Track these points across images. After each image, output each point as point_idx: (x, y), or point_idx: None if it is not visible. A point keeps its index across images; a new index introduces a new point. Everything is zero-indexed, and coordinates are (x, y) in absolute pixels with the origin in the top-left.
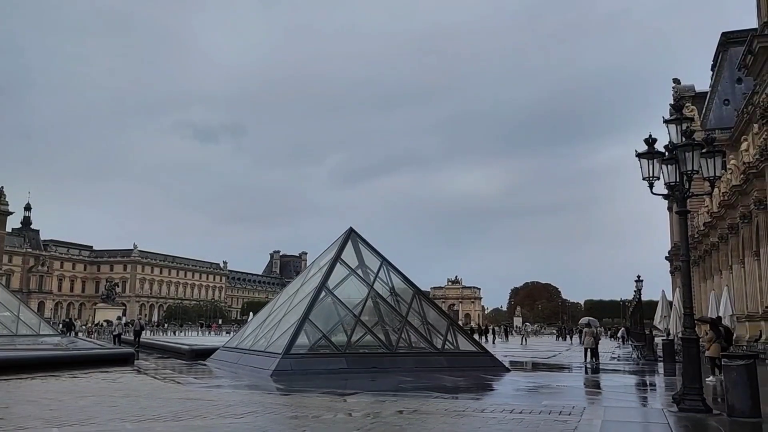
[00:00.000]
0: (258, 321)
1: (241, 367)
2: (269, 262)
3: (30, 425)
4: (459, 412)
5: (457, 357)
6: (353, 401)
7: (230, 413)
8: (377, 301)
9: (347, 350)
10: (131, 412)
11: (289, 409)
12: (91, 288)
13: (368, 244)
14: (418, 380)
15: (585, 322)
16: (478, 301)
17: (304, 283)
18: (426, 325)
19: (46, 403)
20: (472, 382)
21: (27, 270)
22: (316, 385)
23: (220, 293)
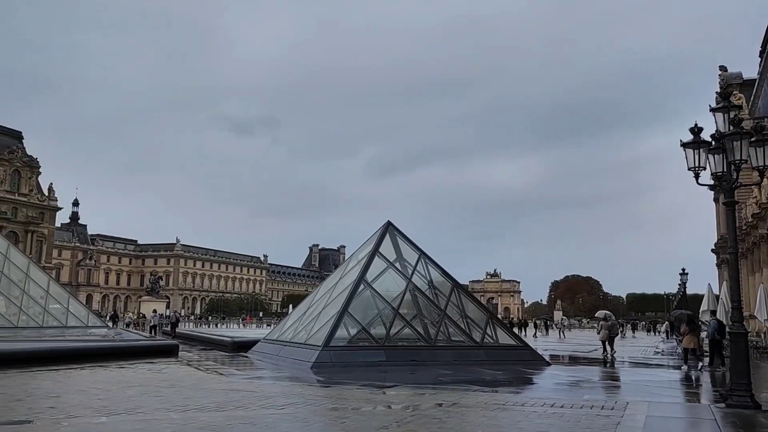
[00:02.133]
0: (298, 314)
1: (281, 359)
2: (308, 255)
3: (80, 414)
4: (499, 405)
5: (496, 350)
6: (392, 394)
7: (271, 404)
8: (415, 294)
9: (386, 343)
10: (176, 402)
11: (329, 401)
12: (137, 281)
13: (406, 238)
14: (457, 373)
15: (602, 315)
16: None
17: (342, 276)
18: (465, 319)
19: (94, 392)
20: (512, 375)
21: (75, 264)
22: (356, 377)
23: (261, 286)
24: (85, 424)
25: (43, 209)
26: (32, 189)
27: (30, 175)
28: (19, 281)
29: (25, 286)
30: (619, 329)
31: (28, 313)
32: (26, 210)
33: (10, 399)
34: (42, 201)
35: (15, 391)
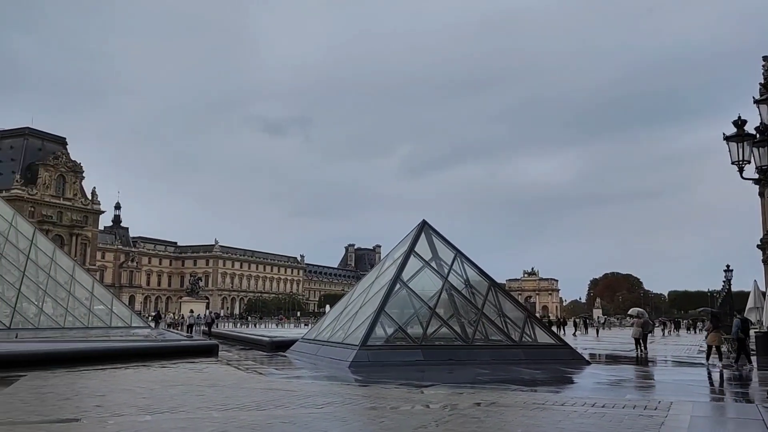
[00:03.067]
0: (335, 313)
1: (319, 358)
2: (344, 255)
3: (125, 412)
4: (538, 405)
5: (535, 349)
6: (430, 393)
7: (311, 403)
8: (452, 293)
9: (423, 342)
10: (217, 401)
11: (368, 400)
12: (177, 282)
13: (442, 237)
14: (496, 373)
15: (634, 313)
16: (555, 293)
17: (378, 276)
18: (502, 318)
19: (139, 391)
20: (551, 374)
21: (118, 266)
22: (393, 376)
23: (298, 286)
24: (131, 422)
25: (87, 213)
26: (76, 193)
27: (74, 180)
28: (65, 283)
29: (71, 288)
30: (652, 327)
31: (74, 314)
32: (71, 214)
33: (59, 398)
34: (86, 205)
35: (63, 390)
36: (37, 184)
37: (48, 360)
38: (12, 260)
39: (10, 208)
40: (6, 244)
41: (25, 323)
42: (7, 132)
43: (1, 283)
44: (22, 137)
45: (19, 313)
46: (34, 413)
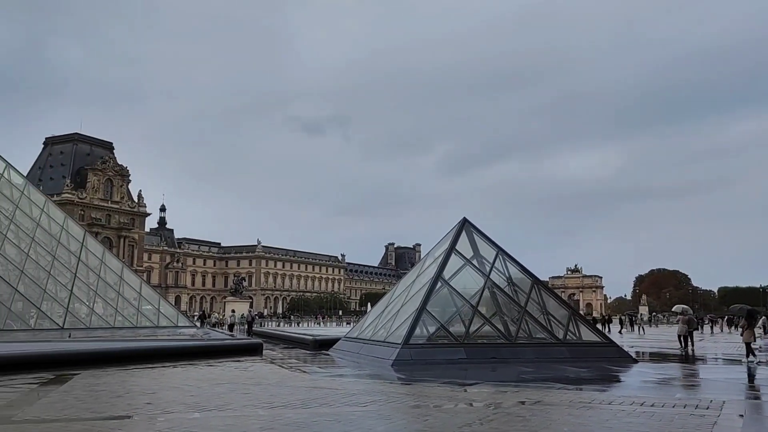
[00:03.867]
0: (376, 312)
1: (362, 356)
2: (384, 253)
3: (175, 409)
4: (585, 403)
5: (579, 347)
6: (474, 391)
7: (354, 402)
8: (494, 291)
9: (466, 341)
10: (262, 399)
11: (411, 399)
12: (221, 282)
13: (483, 234)
14: (540, 371)
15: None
16: (599, 290)
17: (419, 275)
18: (546, 316)
19: (187, 389)
20: (597, 373)
21: (164, 266)
22: (436, 374)
23: (339, 285)
24: (180, 419)
25: (134, 215)
26: (123, 196)
27: (121, 184)
28: (115, 284)
29: (120, 288)
30: (697, 324)
31: (124, 314)
32: (118, 216)
33: (112, 395)
34: (132, 207)
35: (115, 387)
36: (86, 188)
37: (100, 359)
38: (64, 262)
39: (61, 212)
40: (58, 246)
41: (77, 323)
42: (58, 138)
43: (55, 284)
44: (71, 143)
45: (72, 313)
46: (88, 410)
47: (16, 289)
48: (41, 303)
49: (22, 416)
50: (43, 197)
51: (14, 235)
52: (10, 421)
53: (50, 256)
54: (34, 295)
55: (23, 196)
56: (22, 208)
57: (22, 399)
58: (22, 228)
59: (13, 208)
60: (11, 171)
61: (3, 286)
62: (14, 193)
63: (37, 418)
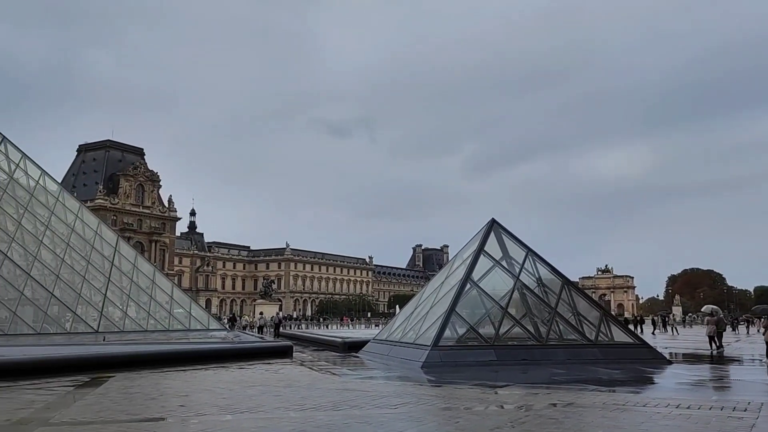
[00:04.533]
0: (405, 314)
1: (391, 358)
2: (412, 255)
3: (207, 412)
4: (618, 405)
5: (612, 349)
6: (504, 393)
7: (385, 404)
8: (524, 292)
9: (496, 342)
10: (293, 401)
11: (441, 401)
12: (250, 285)
13: (512, 235)
14: (571, 373)
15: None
16: (631, 290)
17: (448, 276)
18: (577, 317)
19: (219, 391)
20: (630, 374)
21: (195, 270)
22: (466, 376)
23: (367, 287)
24: (213, 421)
25: (165, 220)
26: (154, 201)
27: (152, 189)
28: (147, 288)
29: (152, 292)
30: (725, 325)
31: (156, 317)
32: (150, 221)
33: (146, 397)
34: (163, 212)
35: (149, 390)
36: (118, 193)
37: (134, 361)
38: (98, 267)
39: (95, 218)
40: (92, 251)
41: (111, 326)
42: (91, 145)
43: (89, 288)
44: (103, 150)
45: (106, 317)
46: (123, 412)
47: (52, 294)
48: (76, 307)
49: (60, 418)
50: (77, 203)
51: (50, 240)
52: (48, 423)
53: (85, 260)
54: (70, 299)
55: (58, 203)
56: (57, 214)
57: (60, 401)
58: (57, 233)
59: (48, 215)
60: (47, 178)
61: (40, 291)
62: (50, 199)
63: (74, 420)
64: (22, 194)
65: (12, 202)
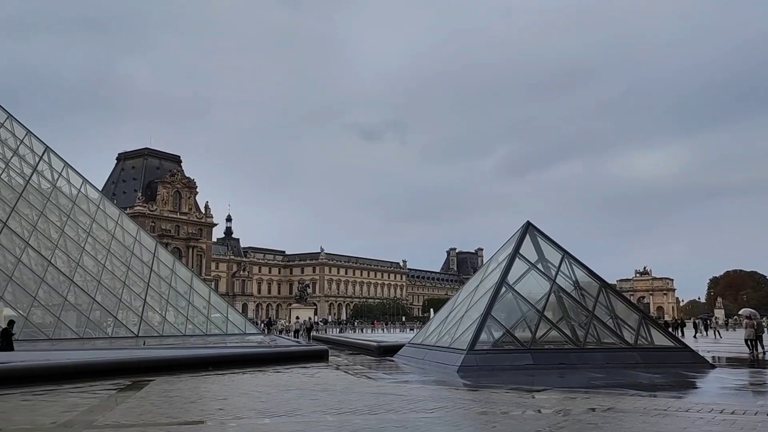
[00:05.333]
0: (440, 318)
1: (427, 363)
2: (446, 259)
3: (245, 415)
4: (660, 411)
5: (652, 352)
6: (542, 398)
7: (421, 408)
8: (561, 295)
9: (532, 346)
10: (330, 404)
11: (478, 405)
12: (286, 290)
13: (547, 238)
14: (610, 377)
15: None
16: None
17: (483, 280)
18: (615, 320)
19: (256, 395)
20: (672, 379)
21: (231, 275)
22: (503, 380)
23: (402, 291)
24: (251, 425)
25: (201, 226)
26: (191, 208)
27: (189, 195)
28: (185, 293)
29: (190, 297)
30: (765, 327)
31: (194, 321)
32: (187, 227)
33: (185, 401)
34: (200, 218)
35: (188, 393)
36: (156, 200)
37: (173, 365)
38: (138, 272)
39: (134, 224)
40: (132, 257)
41: (150, 331)
42: (129, 153)
43: (129, 293)
44: (142, 158)
45: (146, 321)
46: (164, 415)
47: (94, 299)
48: (117, 312)
49: (103, 421)
50: (117, 210)
51: (92, 247)
52: (92, 426)
53: (125, 266)
54: (111, 304)
55: (99, 210)
56: (98, 221)
57: (103, 404)
58: (98, 240)
59: (90, 222)
60: (88, 186)
61: (82, 296)
62: (91, 207)
63: (117, 423)
64: (65, 202)
65: (55, 210)
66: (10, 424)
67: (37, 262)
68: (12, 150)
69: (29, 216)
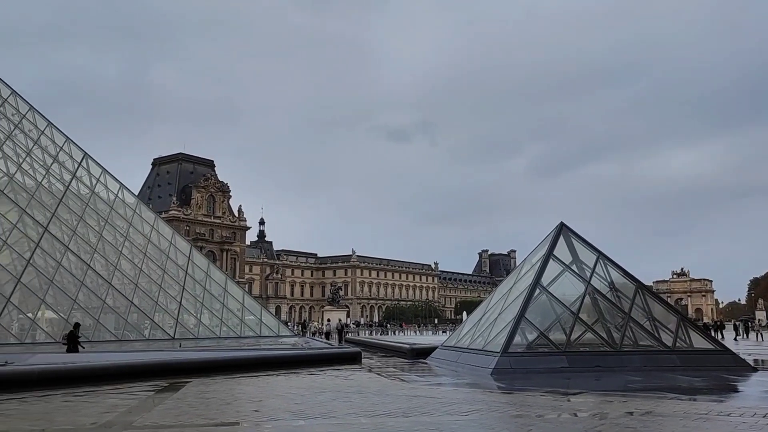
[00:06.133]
0: (473, 320)
1: (460, 365)
2: (478, 261)
3: (281, 417)
4: (701, 415)
5: (691, 355)
6: (578, 401)
7: (455, 410)
8: (596, 297)
9: (567, 348)
10: (364, 407)
11: (513, 408)
12: (318, 292)
13: (581, 239)
14: (648, 380)
15: None
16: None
17: (516, 281)
18: (652, 322)
19: (291, 397)
20: (712, 382)
21: (264, 278)
22: (537, 383)
23: (433, 293)
24: (286, 427)
25: (235, 229)
26: (224, 212)
27: (222, 199)
28: (219, 296)
29: (224, 300)
30: None
31: (228, 324)
32: (221, 231)
33: (221, 402)
34: (233, 222)
35: (224, 395)
36: (191, 204)
37: (209, 367)
38: (173, 276)
39: (169, 229)
40: (168, 261)
41: (186, 333)
42: (164, 158)
43: (165, 296)
44: (176, 162)
45: (181, 324)
46: (200, 417)
47: (132, 302)
48: (154, 314)
49: (142, 422)
50: (152, 215)
51: (129, 251)
52: (131, 427)
53: (160, 270)
54: (147, 307)
55: (135, 215)
56: (134, 225)
57: (141, 405)
58: (135, 244)
59: (127, 226)
60: (125, 191)
61: (120, 299)
62: (128, 211)
63: (156, 423)
64: (103, 207)
65: (94, 215)
66: (53, 425)
67: (77, 266)
68: (52, 157)
69: (69, 221)
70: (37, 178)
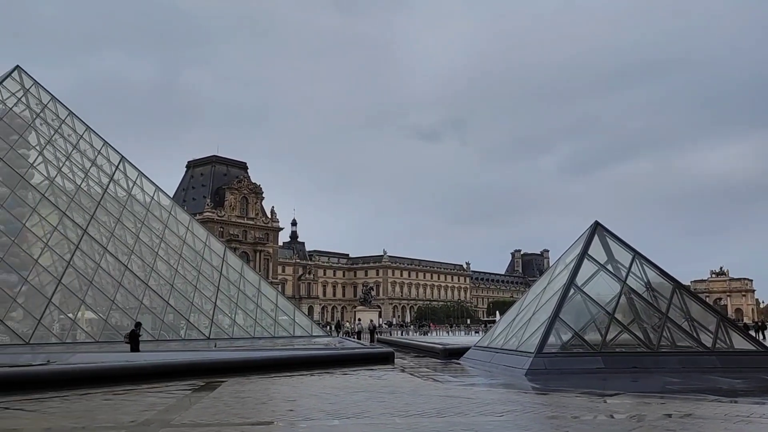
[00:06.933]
0: (507, 320)
1: (493, 365)
2: (511, 261)
3: (315, 416)
4: (742, 417)
5: (731, 356)
6: (614, 402)
7: (489, 411)
8: (631, 297)
9: (602, 349)
10: (398, 407)
11: (548, 409)
12: (350, 292)
13: (617, 238)
14: (687, 381)
15: None
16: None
17: (550, 282)
18: (690, 322)
19: (325, 396)
20: (754, 384)
21: (297, 278)
22: (573, 384)
23: (465, 293)
24: (320, 426)
25: (268, 230)
26: (257, 213)
27: (255, 201)
28: (253, 296)
29: (258, 300)
30: None
31: (262, 324)
32: (254, 232)
33: (256, 402)
34: (266, 223)
35: (259, 395)
36: (224, 206)
37: (244, 367)
38: (208, 276)
39: (204, 230)
40: (202, 262)
41: (220, 333)
42: (198, 161)
43: (200, 297)
44: (210, 165)
45: (216, 324)
46: (236, 416)
47: (168, 302)
48: (189, 315)
49: (180, 420)
50: (187, 216)
51: (164, 252)
52: (169, 425)
53: (195, 271)
54: (183, 308)
55: (171, 216)
56: (170, 227)
57: (179, 404)
58: (170, 246)
59: (162, 228)
60: (160, 194)
61: (157, 300)
62: (163, 213)
63: (193, 422)
64: (139, 209)
65: (131, 217)
66: (94, 422)
67: (115, 267)
68: (90, 160)
69: (107, 223)
70: (76, 181)
